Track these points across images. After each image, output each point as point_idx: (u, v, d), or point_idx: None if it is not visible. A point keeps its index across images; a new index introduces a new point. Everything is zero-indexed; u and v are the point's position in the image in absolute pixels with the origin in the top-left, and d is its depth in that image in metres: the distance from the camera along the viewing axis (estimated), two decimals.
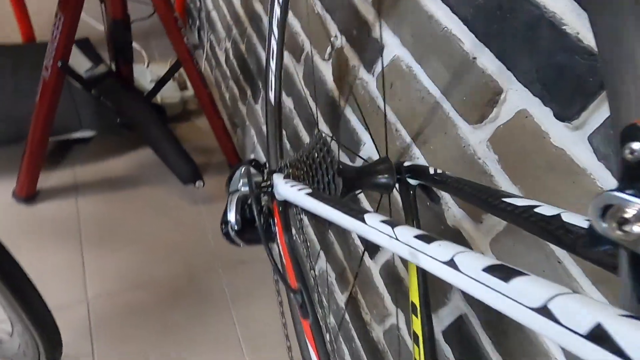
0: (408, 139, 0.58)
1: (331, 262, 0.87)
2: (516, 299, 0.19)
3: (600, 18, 0.19)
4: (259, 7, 1.02)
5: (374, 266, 0.73)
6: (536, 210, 0.30)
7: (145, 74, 1.31)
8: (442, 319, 0.57)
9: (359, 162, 0.71)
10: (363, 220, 0.32)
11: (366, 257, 0.74)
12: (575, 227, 0.28)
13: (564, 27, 0.36)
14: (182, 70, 1.41)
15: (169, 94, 1.32)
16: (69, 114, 1.16)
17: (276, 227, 0.52)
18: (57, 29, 0.88)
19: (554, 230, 0.29)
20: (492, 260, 0.22)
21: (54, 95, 0.96)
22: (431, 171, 0.43)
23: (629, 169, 0.17)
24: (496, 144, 0.45)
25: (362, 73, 0.65)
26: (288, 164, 0.50)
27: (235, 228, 0.54)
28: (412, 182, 0.45)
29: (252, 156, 1.25)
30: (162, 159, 1.13)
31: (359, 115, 0.68)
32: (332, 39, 0.71)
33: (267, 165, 0.62)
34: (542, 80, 0.39)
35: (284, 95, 0.94)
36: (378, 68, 0.61)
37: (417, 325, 0.42)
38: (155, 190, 1.18)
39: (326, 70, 0.75)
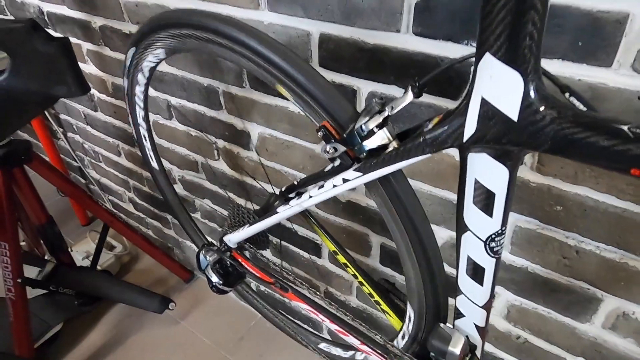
0: (295, 173, 0.91)
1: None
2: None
3: None
4: None
5: (324, 261, 1.03)
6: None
7: (75, 257, 1.48)
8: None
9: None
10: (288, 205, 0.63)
11: (317, 259, 1.04)
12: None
13: None
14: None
15: (102, 259, 1.50)
16: (33, 323, 1.28)
17: (244, 264, 0.80)
18: (4, 255, 1.06)
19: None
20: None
21: (24, 310, 1.12)
22: (295, 183, 0.76)
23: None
24: None
25: (246, 153, 0.97)
26: (227, 229, 0.80)
27: (221, 282, 0.81)
28: (291, 195, 0.78)
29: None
30: (132, 304, 1.31)
31: (262, 177, 1.00)
32: (213, 144, 1.03)
33: (209, 241, 0.90)
34: None
35: (200, 199, 1.22)
36: (253, 144, 0.94)
37: (342, 258, 0.73)
38: (141, 335, 1.34)
39: (222, 165, 1.06)
